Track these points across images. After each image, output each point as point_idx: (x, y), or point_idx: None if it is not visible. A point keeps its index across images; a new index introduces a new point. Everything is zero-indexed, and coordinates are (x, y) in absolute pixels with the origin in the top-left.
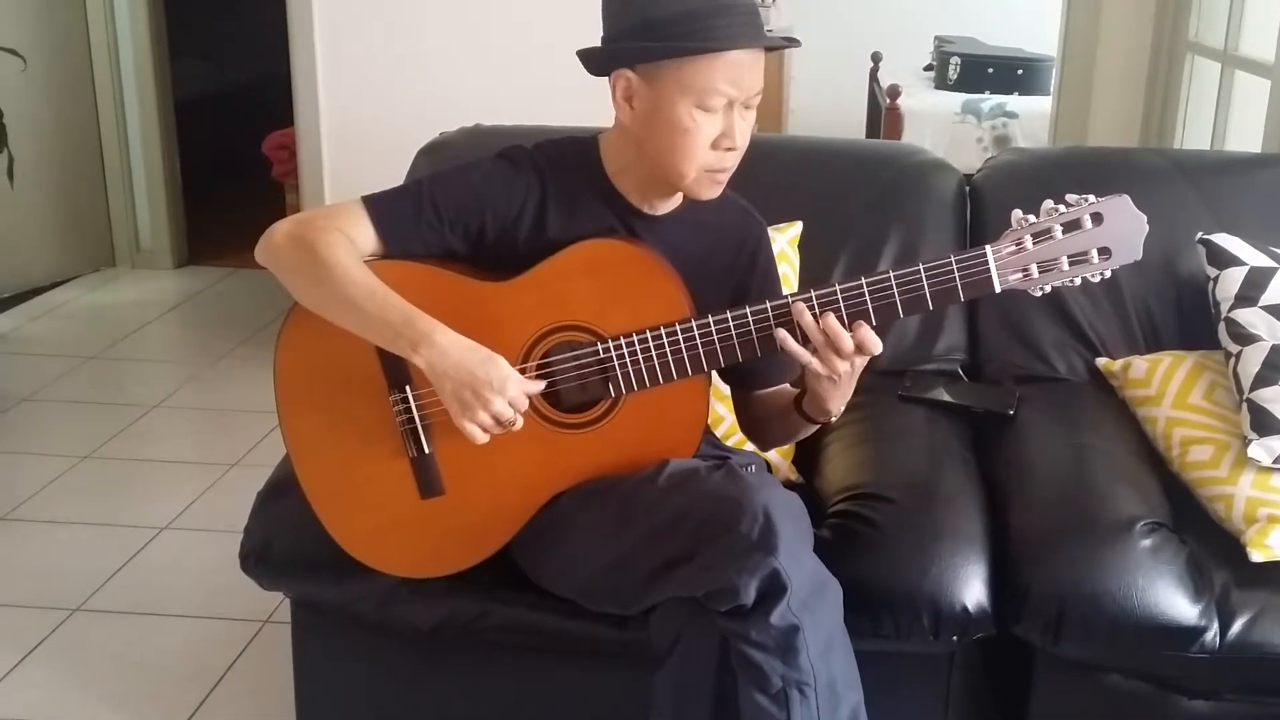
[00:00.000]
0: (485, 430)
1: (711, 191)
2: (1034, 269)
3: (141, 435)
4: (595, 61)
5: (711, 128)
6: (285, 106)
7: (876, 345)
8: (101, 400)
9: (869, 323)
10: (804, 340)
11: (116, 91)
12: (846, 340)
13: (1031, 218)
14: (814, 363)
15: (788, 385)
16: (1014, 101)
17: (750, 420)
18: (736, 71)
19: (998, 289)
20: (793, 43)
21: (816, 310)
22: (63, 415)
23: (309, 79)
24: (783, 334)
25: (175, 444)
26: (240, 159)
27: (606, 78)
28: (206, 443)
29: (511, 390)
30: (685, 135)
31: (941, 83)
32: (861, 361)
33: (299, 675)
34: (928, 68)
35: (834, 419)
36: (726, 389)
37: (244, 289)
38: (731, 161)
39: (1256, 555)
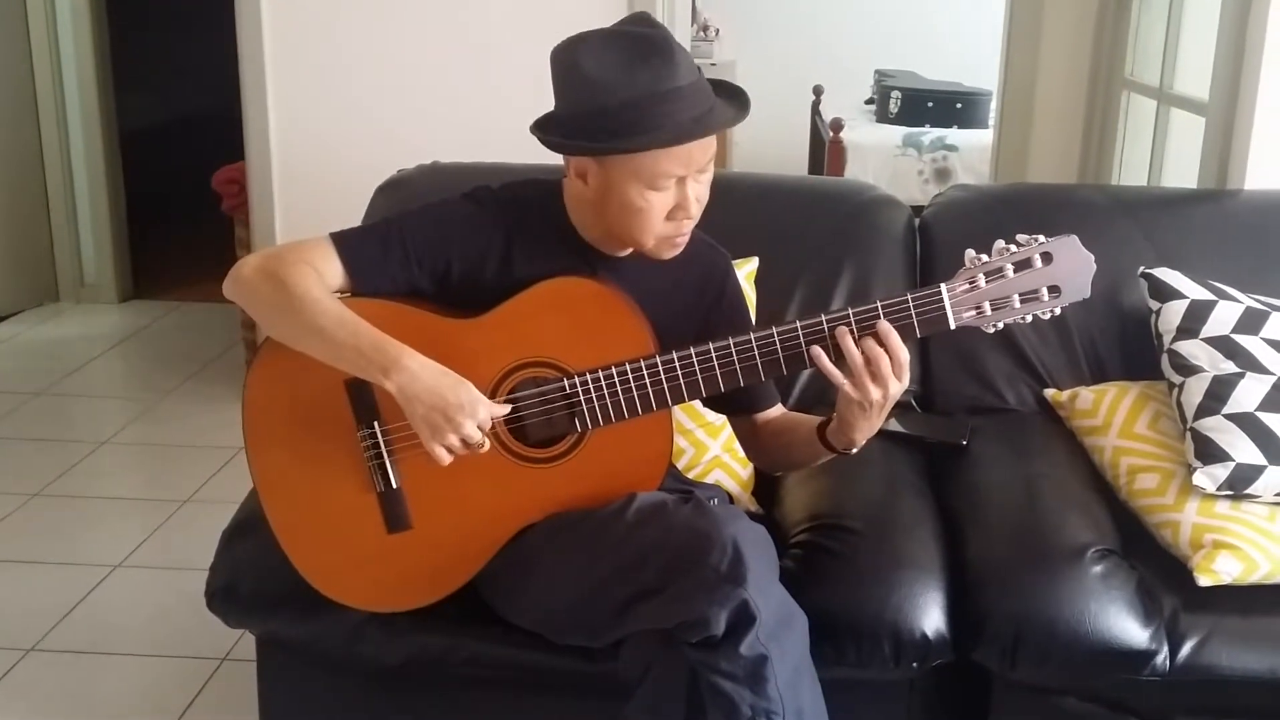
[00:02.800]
0: (452, 452)
1: (671, 253)
2: (987, 306)
3: (91, 472)
4: (547, 146)
5: (665, 203)
6: (235, 140)
7: (901, 355)
8: (49, 437)
9: (829, 357)
10: (838, 362)
11: (61, 124)
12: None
13: (984, 257)
14: (846, 385)
15: (801, 414)
16: (954, 135)
17: (761, 449)
18: (686, 154)
19: (952, 326)
20: (741, 115)
21: (778, 348)
22: (10, 452)
23: (260, 112)
24: (818, 351)
25: (125, 481)
26: (187, 192)
27: None
28: (157, 479)
29: (481, 413)
30: (639, 214)
31: (883, 116)
32: (894, 390)
33: (264, 713)
34: (869, 101)
35: (856, 450)
36: (689, 423)
37: (189, 323)
38: (689, 227)
39: (1203, 580)
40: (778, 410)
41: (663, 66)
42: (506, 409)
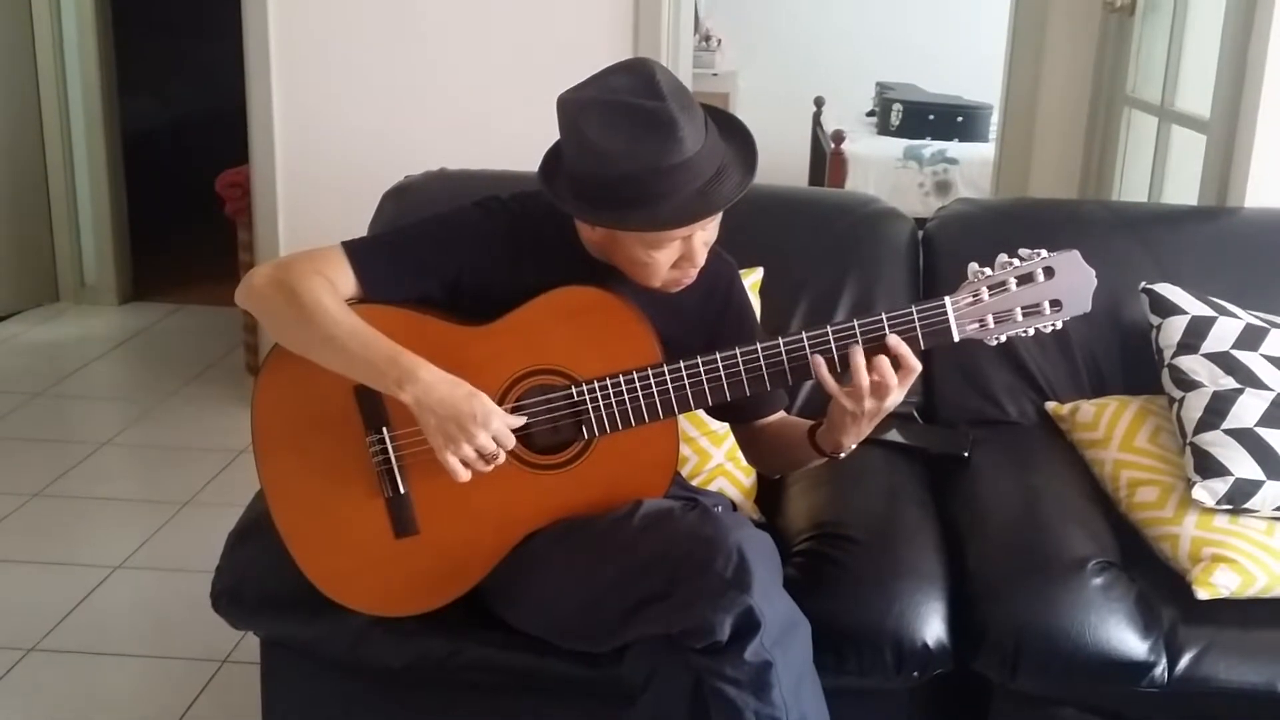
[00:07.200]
0: (468, 464)
1: (677, 289)
2: (990, 319)
3: (91, 473)
4: (553, 202)
5: (670, 257)
6: (239, 143)
7: (914, 364)
8: (50, 438)
9: (834, 369)
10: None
11: (64, 126)
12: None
13: (987, 270)
14: (841, 396)
15: (796, 418)
16: (954, 148)
17: (758, 451)
18: (690, 225)
19: (956, 338)
20: (744, 187)
21: (783, 359)
22: (11, 453)
23: (264, 115)
24: (818, 361)
25: (126, 482)
26: (190, 195)
27: None
28: (157, 481)
29: (495, 424)
30: (644, 267)
31: (884, 128)
32: (890, 403)
33: (267, 715)
34: (870, 113)
35: (844, 455)
36: (693, 431)
37: (190, 326)
38: (694, 272)
39: (1202, 593)
40: (779, 415)
41: (665, 141)
42: (521, 420)
